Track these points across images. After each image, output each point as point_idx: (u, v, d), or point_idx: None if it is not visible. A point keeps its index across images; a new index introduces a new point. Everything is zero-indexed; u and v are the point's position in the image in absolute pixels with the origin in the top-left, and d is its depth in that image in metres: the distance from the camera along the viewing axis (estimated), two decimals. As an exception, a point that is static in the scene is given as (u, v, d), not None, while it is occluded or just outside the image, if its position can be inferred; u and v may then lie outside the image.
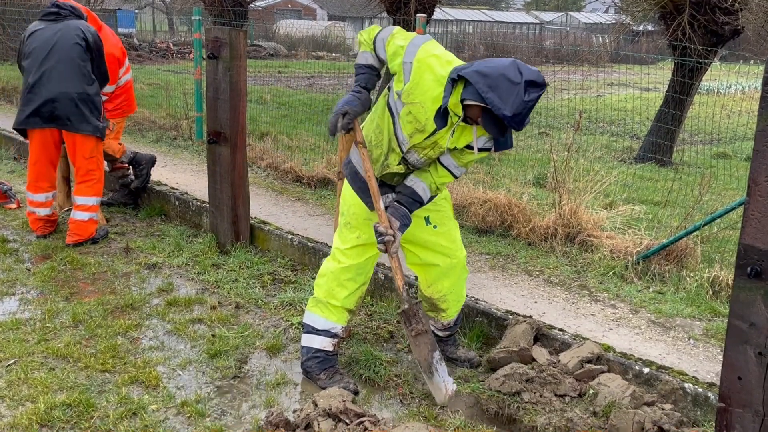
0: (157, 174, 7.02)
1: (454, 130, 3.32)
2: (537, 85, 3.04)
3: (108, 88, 6.07)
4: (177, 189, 6.66)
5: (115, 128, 6.30)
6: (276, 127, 9.79)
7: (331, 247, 4.76)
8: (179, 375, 3.78)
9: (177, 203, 6.40)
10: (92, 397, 3.46)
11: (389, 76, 3.50)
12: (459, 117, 3.24)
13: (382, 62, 3.53)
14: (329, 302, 3.72)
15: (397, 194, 3.56)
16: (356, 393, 3.64)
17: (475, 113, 3.19)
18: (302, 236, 5.46)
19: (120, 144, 6.45)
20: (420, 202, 3.53)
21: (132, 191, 6.71)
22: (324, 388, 3.59)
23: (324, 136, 9.21)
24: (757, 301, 2.81)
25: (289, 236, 5.44)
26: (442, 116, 3.29)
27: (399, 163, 3.53)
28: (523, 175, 7.52)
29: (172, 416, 3.38)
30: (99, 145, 5.61)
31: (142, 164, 6.54)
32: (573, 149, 6.00)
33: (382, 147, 3.54)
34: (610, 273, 4.97)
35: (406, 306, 3.56)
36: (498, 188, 6.34)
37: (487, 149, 3.42)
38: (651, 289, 4.75)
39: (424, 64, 3.27)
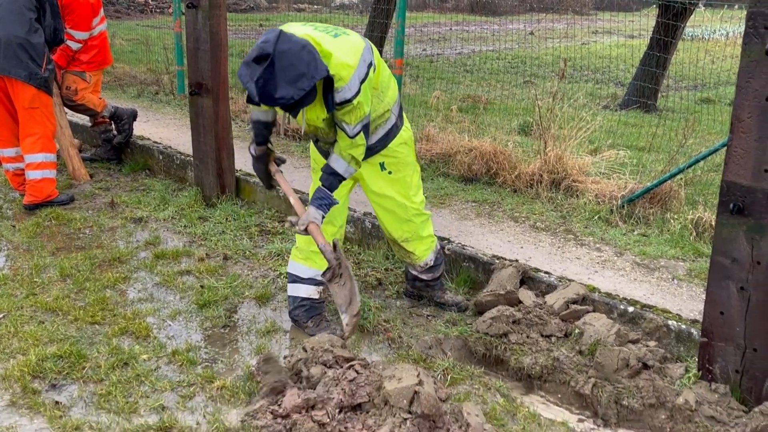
0: (139, 129, 6.94)
1: (303, 112, 3.33)
2: (260, 60, 2.96)
3: (81, 35, 5.96)
4: (160, 143, 6.60)
5: (92, 81, 6.20)
6: (259, 80, 9.66)
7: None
8: (169, 325, 3.80)
9: (161, 157, 6.35)
10: (83, 348, 3.48)
11: None
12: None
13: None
14: (311, 249, 3.73)
15: None
16: (343, 339, 3.68)
17: None
18: (288, 187, 5.44)
19: (100, 98, 6.37)
20: (333, 172, 3.46)
21: (115, 146, 6.65)
22: (311, 335, 3.64)
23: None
24: (740, 237, 2.86)
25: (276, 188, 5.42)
26: None
27: (323, 144, 3.65)
28: (508, 124, 7.50)
29: (163, 365, 3.41)
30: (42, 96, 5.36)
31: (124, 119, 6.47)
32: (558, 97, 5.98)
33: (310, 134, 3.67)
34: (595, 217, 5.01)
35: (331, 262, 3.43)
36: (483, 136, 6.33)
37: (333, 108, 3.33)
38: (635, 232, 4.80)
39: None
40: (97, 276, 4.30)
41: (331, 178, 3.46)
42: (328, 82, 3.17)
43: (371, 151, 3.64)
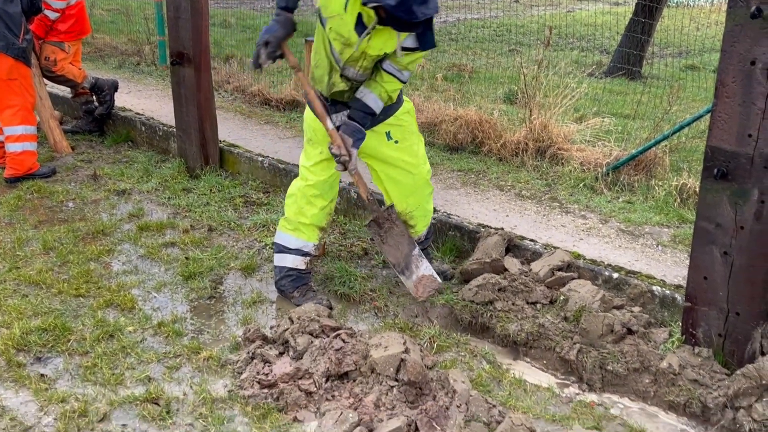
0: (121, 100, 6.86)
1: (370, 36, 3.22)
2: None
3: (58, 4, 5.84)
4: (143, 114, 6.52)
5: (71, 51, 6.10)
6: (242, 50, 9.55)
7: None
8: (155, 297, 3.79)
9: (143, 129, 6.28)
10: (68, 321, 3.46)
11: None
12: (374, 20, 3.15)
13: None
14: (299, 221, 3.72)
15: (350, 110, 3.49)
16: (330, 308, 3.68)
17: (383, 12, 3.09)
18: (273, 158, 5.40)
19: (80, 69, 6.27)
20: (372, 114, 3.45)
21: (96, 118, 6.56)
22: (298, 305, 3.63)
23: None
24: (723, 202, 2.87)
25: (260, 158, 5.38)
26: (361, 25, 3.19)
27: (342, 81, 3.46)
28: (493, 92, 7.47)
29: (149, 336, 3.40)
30: (20, 67, 5.25)
31: (105, 90, 6.38)
32: (543, 65, 5.95)
33: (323, 67, 3.47)
34: (581, 185, 5.01)
35: (375, 214, 3.62)
36: (468, 105, 6.30)
37: (413, 48, 3.31)
38: (620, 199, 4.81)
39: None
40: (80, 249, 4.27)
41: (368, 118, 3.45)
42: (428, 21, 3.15)
43: (374, 120, 3.59)
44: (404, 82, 3.43)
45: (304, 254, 3.78)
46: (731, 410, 2.83)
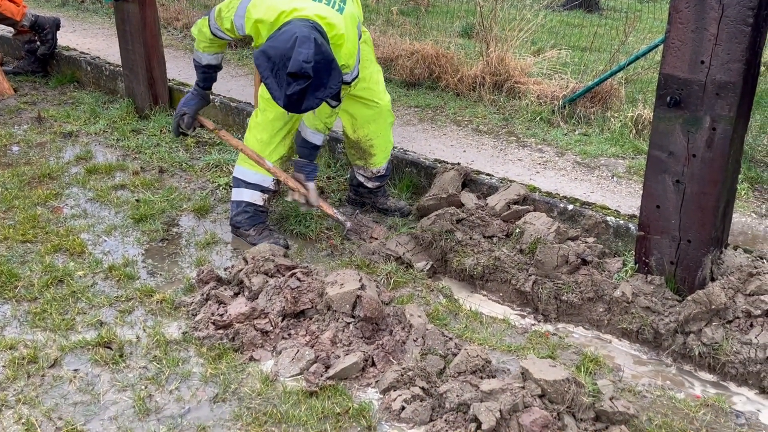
0: (65, 39, 6.59)
1: None
2: (298, 77, 2.98)
3: None
4: (88, 54, 6.27)
5: (7, -15, 5.82)
6: (191, -14, 9.22)
7: (254, 106, 4.62)
8: (105, 241, 3.69)
9: (89, 68, 6.05)
10: (14, 267, 3.36)
11: None
12: None
13: (224, 42, 3.67)
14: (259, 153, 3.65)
15: (296, 148, 3.74)
16: (287, 248, 3.64)
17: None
18: (224, 97, 5.26)
19: (19, 6, 5.97)
20: (313, 146, 3.67)
21: (39, 58, 6.29)
22: (254, 244, 3.58)
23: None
24: (676, 131, 2.86)
25: (211, 97, 5.22)
26: None
27: None
28: (450, 26, 7.34)
29: (100, 281, 3.32)
30: None
31: (46, 28, 6.11)
32: (501, -2, 5.84)
33: None
34: (537, 118, 4.99)
35: (348, 224, 3.79)
36: (425, 39, 6.18)
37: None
38: (577, 132, 4.80)
39: (255, 33, 3.35)
40: (26, 193, 4.13)
41: (314, 152, 3.71)
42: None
43: None
44: (333, 107, 3.53)
45: (262, 189, 3.71)
46: (682, 335, 2.88)
